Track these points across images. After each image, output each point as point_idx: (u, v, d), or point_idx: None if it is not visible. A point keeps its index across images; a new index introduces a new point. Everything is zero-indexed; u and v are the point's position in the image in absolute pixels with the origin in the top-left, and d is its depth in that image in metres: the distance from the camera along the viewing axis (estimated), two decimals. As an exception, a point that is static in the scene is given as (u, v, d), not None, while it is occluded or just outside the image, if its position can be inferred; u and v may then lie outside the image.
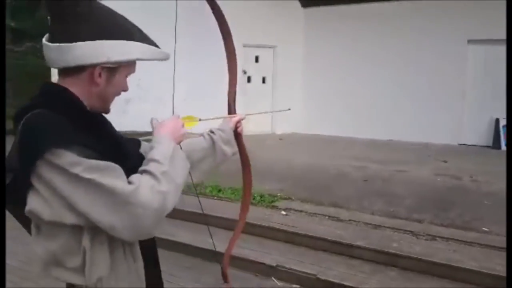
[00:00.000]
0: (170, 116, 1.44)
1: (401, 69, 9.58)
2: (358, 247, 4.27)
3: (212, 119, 1.76)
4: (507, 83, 2.77)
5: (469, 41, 9.05)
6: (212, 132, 1.75)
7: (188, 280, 4.08)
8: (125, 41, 1.27)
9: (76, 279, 1.27)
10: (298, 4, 10.72)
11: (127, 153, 1.35)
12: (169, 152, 1.28)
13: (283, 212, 5.11)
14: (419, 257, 4.00)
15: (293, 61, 10.53)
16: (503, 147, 8.57)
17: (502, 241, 4.17)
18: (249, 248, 4.34)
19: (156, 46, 1.34)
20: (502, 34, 8.42)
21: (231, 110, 1.82)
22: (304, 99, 10.38)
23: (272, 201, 5.44)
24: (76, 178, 1.15)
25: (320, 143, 9.35)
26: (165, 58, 1.36)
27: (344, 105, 10.09)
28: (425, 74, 9.34)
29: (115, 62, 1.27)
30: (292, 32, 10.44)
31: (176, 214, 4.29)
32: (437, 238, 4.37)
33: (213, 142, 1.72)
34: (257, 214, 5.10)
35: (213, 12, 1.68)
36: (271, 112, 2.12)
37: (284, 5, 10.13)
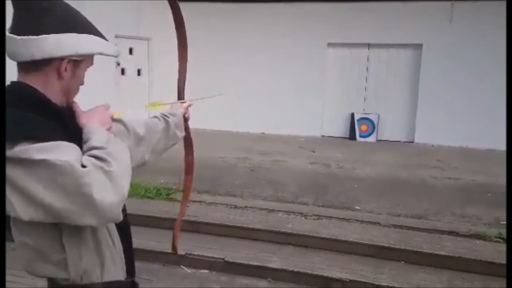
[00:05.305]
0: (96, 106, 1.40)
1: (270, 69, 10.31)
2: (258, 230, 4.68)
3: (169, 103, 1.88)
4: (507, 84, 3.15)
5: (329, 44, 10.16)
6: (165, 115, 1.79)
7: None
8: (89, 35, 1.28)
9: (60, 274, 1.28)
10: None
11: None
12: (105, 138, 1.25)
13: (183, 203, 5.25)
14: (310, 234, 4.57)
15: (169, 54, 10.48)
16: (358, 138, 9.92)
17: (373, 217, 5.02)
18: (155, 240, 4.40)
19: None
20: (359, 38, 9.76)
21: (181, 96, 1.93)
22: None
23: (169, 194, 5.53)
24: (29, 163, 1.09)
25: (202, 137, 9.59)
26: (118, 54, 1.41)
27: (221, 101, 10.47)
28: (291, 75, 10.22)
29: (81, 55, 1.28)
30: (168, 24, 10.39)
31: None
32: (322, 217, 5.02)
33: (167, 125, 1.76)
34: (157, 207, 5.18)
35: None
36: (212, 96, 2.24)
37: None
